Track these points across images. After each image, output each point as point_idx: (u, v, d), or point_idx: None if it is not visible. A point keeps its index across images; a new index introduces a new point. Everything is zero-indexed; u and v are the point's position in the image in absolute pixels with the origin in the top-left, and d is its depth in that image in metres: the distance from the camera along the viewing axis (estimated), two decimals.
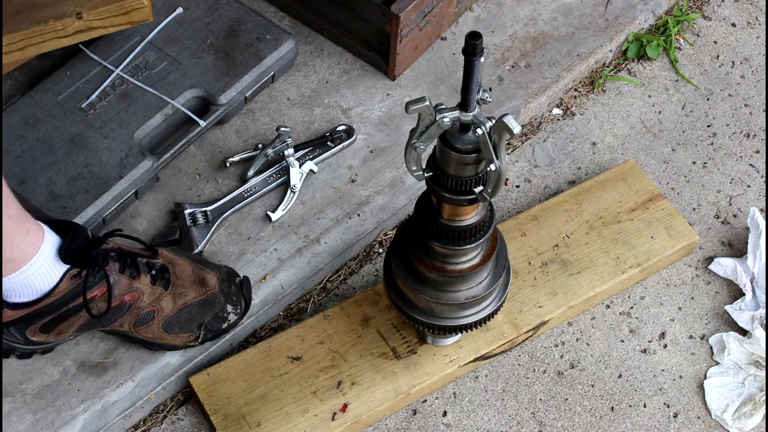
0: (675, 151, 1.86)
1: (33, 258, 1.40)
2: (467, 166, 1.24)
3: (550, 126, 1.88)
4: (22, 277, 1.41)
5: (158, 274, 1.51)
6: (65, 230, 1.44)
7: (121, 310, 1.49)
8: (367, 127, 1.79)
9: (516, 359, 1.64)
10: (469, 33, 1.13)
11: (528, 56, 1.89)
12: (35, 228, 1.41)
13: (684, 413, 1.60)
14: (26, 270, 1.40)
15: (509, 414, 1.59)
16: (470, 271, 1.39)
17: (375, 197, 1.72)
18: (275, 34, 1.79)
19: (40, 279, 1.42)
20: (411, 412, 1.59)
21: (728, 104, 1.92)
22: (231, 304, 1.55)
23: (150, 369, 1.55)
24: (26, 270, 1.40)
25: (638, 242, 1.69)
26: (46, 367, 1.54)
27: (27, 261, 1.40)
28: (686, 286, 1.72)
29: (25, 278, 1.41)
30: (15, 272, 1.40)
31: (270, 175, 1.72)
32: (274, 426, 1.52)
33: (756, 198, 1.81)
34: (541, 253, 1.68)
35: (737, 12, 2.04)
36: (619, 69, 1.96)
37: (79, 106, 1.71)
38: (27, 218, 1.40)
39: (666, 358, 1.65)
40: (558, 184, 1.81)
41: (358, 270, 1.71)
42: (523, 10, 1.95)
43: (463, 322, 1.46)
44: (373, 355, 1.58)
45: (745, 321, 1.65)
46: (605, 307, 1.69)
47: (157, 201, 1.70)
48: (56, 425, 1.50)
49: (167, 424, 1.58)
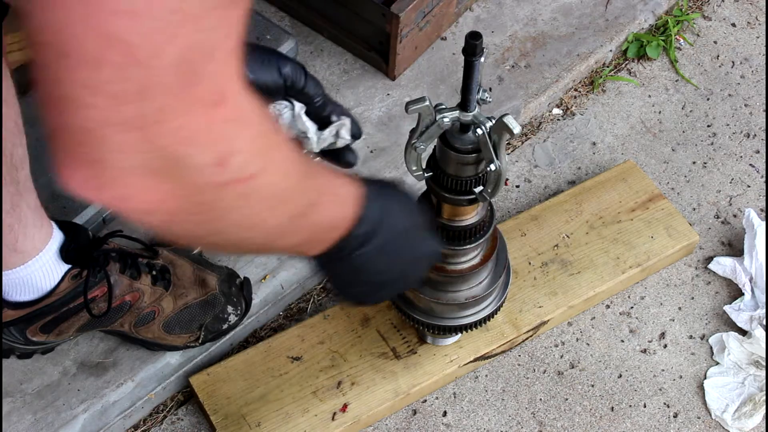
0: (675, 151, 1.86)
1: (39, 253, 1.40)
2: (467, 166, 1.24)
3: (550, 126, 1.88)
4: (26, 273, 1.40)
5: (159, 274, 1.51)
6: (66, 230, 1.44)
7: (122, 310, 1.49)
8: (367, 127, 1.79)
9: (516, 359, 1.64)
10: (469, 33, 1.13)
11: (528, 56, 1.89)
12: (47, 223, 1.41)
13: (684, 413, 1.60)
14: (31, 265, 1.40)
15: (509, 414, 1.59)
16: (470, 271, 1.39)
17: None
18: (275, 34, 1.79)
19: (42, 276, 1.42)
20: (411, 412, 1.59)
21: (728, 104, 1.92)
22: (231, 305, 1.55)
23: (150, 369, 1.55)
24: (31, 265, 1.40)
25: (638, 242, 1.69)
26: (46, 367, 1.54)
27: (33, 256, 1.40)
28: (686, 286, 1.72)
29: (29, 274, 1.41)
30: (20, 266, 1.40)
31: None
32: (274, 426, 1.52)
33: (756, 198, 1.81)
34: (541, 253, 1.68)
35: (737, 12, 2.04)
36: (619, 69, 1.96)
37: None
38: (42, 212, 1.40)
39: (666, 358, 1.65)
40: (558, 184, 1.81)
41: None
42: (523, 10, 1.95)
43: (463, 322, 1.46)
44: (373, 355, 1.58)
45: (744, 321, 1.65)
46: (605, 307, 1.69)
47: None
48: (56, 425, 1.50)
49: (167, 424, 1.58)
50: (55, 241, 1.41)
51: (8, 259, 1.38)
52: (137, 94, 0.64)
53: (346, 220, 0.97)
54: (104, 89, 0.63)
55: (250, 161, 0.75)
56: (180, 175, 0.70)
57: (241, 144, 0.73)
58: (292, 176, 0.83)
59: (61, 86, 0.63)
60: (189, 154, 0.69)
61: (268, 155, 0.78)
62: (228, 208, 0.77)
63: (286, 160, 0.81)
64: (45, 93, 0.65)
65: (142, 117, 0.65)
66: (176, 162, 0.69)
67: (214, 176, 0.72)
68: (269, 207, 0.81)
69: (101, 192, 0.69)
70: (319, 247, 0.97)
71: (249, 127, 0.74)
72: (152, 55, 0.63)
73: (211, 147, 0.70)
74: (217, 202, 0.75)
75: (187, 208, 0.74)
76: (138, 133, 0.65)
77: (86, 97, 0.63)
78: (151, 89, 0.64)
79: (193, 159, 0.70)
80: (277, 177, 0.80)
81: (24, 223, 1.36)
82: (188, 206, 0.74)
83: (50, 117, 0.65)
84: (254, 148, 0.75)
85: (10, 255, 1.38)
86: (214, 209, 0.76)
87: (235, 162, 0.73)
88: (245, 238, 0.84)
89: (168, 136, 0.67)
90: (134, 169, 0.68)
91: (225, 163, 0.72)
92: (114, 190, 0.69)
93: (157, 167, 0.68)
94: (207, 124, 0.69)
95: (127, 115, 0.64)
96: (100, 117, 0.64)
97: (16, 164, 1.30)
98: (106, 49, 0.61)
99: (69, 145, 0.66)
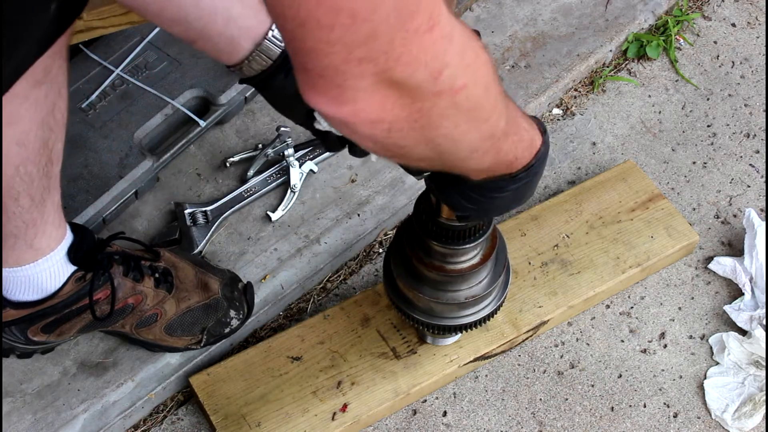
0: (675, 151, 1.86)
1: (51, 253, 1.40)
2: None
3: (550, 126, 1.88)
4: (35, 271, 1.40)
5: (161, 277, 1.51)
6: (73, 232, 1.44)
7: (124, 312, 1.49)
8: None
9: (516, 359, 1.64)
10: None
11: (528, 56, 1.89)
12: (64, 224, 1.41)
13: (684, 413, 1.60)
14: (41, 264, 1.40)
15: (509, 414, 1.59)
16: (470, 270, 1.39)
17: (375, 197, 1.72)
18: None
19: (49, 276, 1.41)
20: (411, 412, 1.59)
21: (728, 104, 1.92)
22: (234, 310, 1.55)
23: (150, 369, 1.55)
24: (41, 264, 1.40)
25: (638, 242, 1.69)
26: (46, 367, 1.54)
27: (46, 254, 1.39)
28: (686, 286, 1.72)
29: (38, 272, 1.40)
30: (31, 263, 1.39)
31: (270, 175, 1.72)
32: (274, 426, 1.52)
33: (756, 198, 1.81)
34: (541, 253, 1.68)
35: (737, 12, 2.04)
36: (619, 69, 1.96)
37: (79, 106, 1.71)
38: (62, 212, 1.40)
39: (666, 358, 1.65)
40: (558, 184, 1.81)
41: (358, 270, 1.71)
42: (523, 10, 1.95)
43: (462, 321, 1.46)
44: (373, 355, 1.58)
45: (744, 321, 1.65)
46: (605, 307, 1.69)
47: (157, 201, 1.70)
48: (56, 425, 1.50)
49: (167, 424, 1.58)
50: (66, 242, 1.41)
51: (21, 254, 1.38)
52: (365, 39, 0.81)
53: (520, 162, 1.13)
54: (339, 41, 0.81)
55: (459, 74, 0.90)
56: (403, 89, 0.87)
57: (450, 58, 0.88)
58: (492, 92, 0.97)
59: (306, 42, 0.82)
60: (409, 73, 0.86)
61: (472, 69, 0.92)
62: (441, 115, 0.92)
63: (487, 76, 0.95)
64: (294, 48, 0.83)
65: (372, 52, 0.83)
66: (400, 80, 0.86)
67: (430, 87, 0.88)
68: (473, 119, 0.96)
69: (340, 108, 0.87)
70: (485, 176, 1.13)
71: (457, 44, 0.88)
72: (371, 11, 0.80)
73: (428, 65, 0.86)
74: (432, 110, 0.91)
75: (407, 116, 0.90)
76: (369, 64, 0.83)
77: (326, 48, 0.82)
78: (376, 33, 0.81)
79: (413, 76, 0.86)
80: (480, 90, 0.94)
81: (45, 220, 1.36)
82: (408, 114, 0.90)
83: (300, 62, 0.85)
84: (462, 62, 0.90)
85: (25, 251, 1.38)
86: (430, 116, 0.91)
87: (447, 74, 0.88)
88: (446, 151, 0.99)
89: (392, 62, 0.84)
90: (366, 88, 0.86)
91: (439, 76, 0.88)
92: (350, 105, 0.87)
93: (385, 86, 0.86)
94: (423, 47, 0.85)
95: (360, 55, 0.82)
96: (339, 59, 0.82)
97: (53, 158, 1.30)
98: (335, 16, 0.79)
99: (315, 79, 0.85)
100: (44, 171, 1.30)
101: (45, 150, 1.27)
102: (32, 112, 1.22)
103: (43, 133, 1.25)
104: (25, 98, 1.20)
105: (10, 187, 1.28)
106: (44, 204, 1.34)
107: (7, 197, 1.29)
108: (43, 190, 1.32)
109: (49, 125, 1.26)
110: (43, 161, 1.28)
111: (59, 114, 1.27)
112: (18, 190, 1.29)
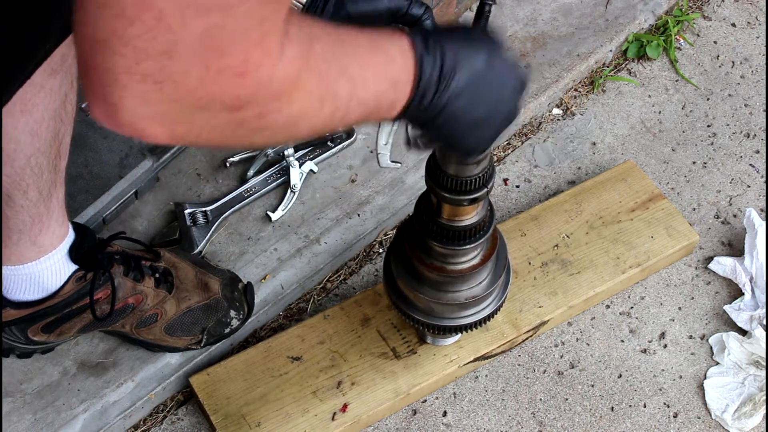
0: (675, 151, 1.86)
1: (53, 251, 1.39)
2: (467, 166, 1.24)
3: (550, 126, 1.88)
4: (37, 269, 1.40)
5: (162, 277, 1.51)
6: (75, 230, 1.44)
7: (125, 312, 1.49)
8: (367, 127, 1.79)
9: (516, 359, 1.64)
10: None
11: (528, 56, 1.89)
12: (66, 222, 1.41)
13: (684, 413, 1.60)
14: (43, 261, 1.40)
15: (509, 414, 1.59)
16: (470, 271, 1.39)
17: (375, 197, 1.72)
18: None
19: (50, 275, 1.41)
20: (411, 412, 1.59)
21: (728, 104, 1.92)
22: (234, 310, 1.55)
23: (150, 369, 1.55)
24: (43, 261, 1.40)
25: (638, 242, 1.69)
26: (46, 367, 1.54)
27: (48, 252, 1.39)
28: (686, 286, 1.72)
29: (40, 271, 1.40)
30: (33, 261, 1.39)
31: (270, 175, 1.72)
32: (274, 426, 1.52)
33: (756, 198, 1.81)
34: (541, 253, 1.68)
35: (737, 12, 2.04)
36: (619, 69, 1.96)
37: (79, 106, 1.70)
38: (65, 210, 1.40)
39: (666, 358, 1.65)
40: (558, 184, 1.81)
41: (358, 270, 1.71)
42: (523, 10, 1.95)
43: (463, 322, 1.46)
44: (373, 355, 1.58)
45: (744, 321, 1.65)
46: (605, 307, 1.69)
47: (157, 201, 1.70)
48: (56, 425, 1.50)
49: (167, 424, 1.58)
50: (68, 240, 1.41)
51: (25, 251, 1.38)
52: (161, 53, 0.71)
53: (401, 82, 0.94)
54: (133, 42, 0.71)
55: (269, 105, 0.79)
56: (194, 121, 0.76)
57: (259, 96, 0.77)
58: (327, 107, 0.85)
59: (98, 31, 0.71)
60: (204, 106, 0.75)
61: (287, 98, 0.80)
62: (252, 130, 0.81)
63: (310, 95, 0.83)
64: (84, 34, 0.73)
65: (162, 74, 0.72)
66: (190, 113, 0.75)
67: (228, 121, 0.78)
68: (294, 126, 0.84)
69: (120, 128, 0.76)
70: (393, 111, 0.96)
71: (270, 87, 0.77)
72: (180, 24, 0.70)
73: (227, 103, 0.76)
74: (236, 132, 0.80)
75: (206, 136, 0.79)
76: (155, 86, 0.73)
77: (117, 46, 0.71)
78: (174, 52, 0.71)
79: (208, 109, 0.76)
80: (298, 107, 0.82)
81: (50, 216, 1.35)
82: (207, 134, 0.79)
83: (85, 56, 0.74)
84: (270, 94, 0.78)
85: (28, 248, 1.37)
86: (234, 138, 0.81)
87: (251, 110, 0.78)
88: (288, 136, 0.87)
89: (184, 94, 0.73)
90: (146, 116, 0.75)
91: (239, 110, 0.77)
92: (130, 128, 0.76)
93: (171, 117, 0.75)
94: (223, 89, 0.74)
95: (147, 70, 0.72)
96: (125, 65, 0.72)
97: (61, 153, 1.30)
98: (141, 9, 0.70)
99: (96, 84, 0.74)
100: (53, 164, 1.29)
101: (55, 142, 1.27)
102: (47, 101, 1.22)
103: (55, 124, 1.25)
104: (41, 87, 1.20)
105: (20, 178, 1.27)
106: (50, 199, 1.33)
107: (17, 189, 1.29)
108: (51, 184, 1.31)
109: (60, 116, 1.25)
110: (53, 154, 1.28)
111: (70, 106, 1.26)
112: (28, 182, 1.28)
